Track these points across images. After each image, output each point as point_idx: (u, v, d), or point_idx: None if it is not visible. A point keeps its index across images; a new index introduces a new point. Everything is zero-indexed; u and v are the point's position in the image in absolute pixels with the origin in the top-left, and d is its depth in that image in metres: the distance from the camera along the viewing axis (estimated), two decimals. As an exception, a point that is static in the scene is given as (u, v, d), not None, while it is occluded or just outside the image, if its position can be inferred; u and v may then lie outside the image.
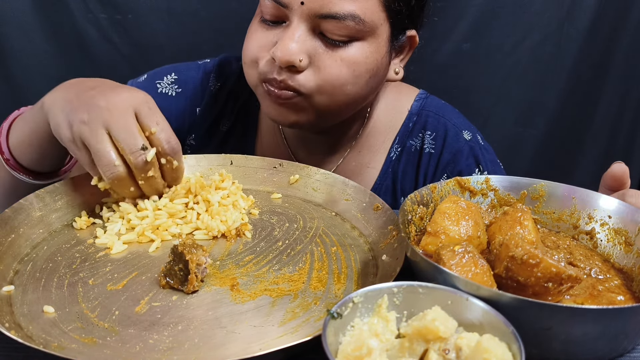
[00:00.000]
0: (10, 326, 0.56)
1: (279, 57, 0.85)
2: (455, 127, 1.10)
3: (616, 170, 0.73)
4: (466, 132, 1.10)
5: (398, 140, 1.11)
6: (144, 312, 0.61)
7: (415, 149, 1.11)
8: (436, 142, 1.09)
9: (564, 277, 0.54)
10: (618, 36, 1.83)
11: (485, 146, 1.11)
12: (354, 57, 0.88)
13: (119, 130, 0.72)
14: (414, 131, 1.11)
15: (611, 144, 2.00)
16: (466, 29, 1.77)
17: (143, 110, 0.75)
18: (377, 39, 0.90)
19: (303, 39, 0.87)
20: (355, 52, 0.89)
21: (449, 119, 1.11)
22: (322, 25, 0.86)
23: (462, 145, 1.08)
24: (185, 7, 1.66)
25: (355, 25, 0.86)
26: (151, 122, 0.75)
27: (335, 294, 0.66)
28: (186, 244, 0.66)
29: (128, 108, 0.74)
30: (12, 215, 0.73)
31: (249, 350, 0.56)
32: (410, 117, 1.11)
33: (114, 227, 0.76)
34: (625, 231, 0.69)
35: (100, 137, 0.72)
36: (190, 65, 1.15)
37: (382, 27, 0.90)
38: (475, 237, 0.66)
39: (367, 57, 0.90)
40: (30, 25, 1.63)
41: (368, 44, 0.89)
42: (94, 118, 0.72)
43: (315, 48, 0.88)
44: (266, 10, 0.89)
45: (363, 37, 0.88)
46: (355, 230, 0.81)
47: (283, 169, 0.93)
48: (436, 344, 0.49)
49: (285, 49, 0.85)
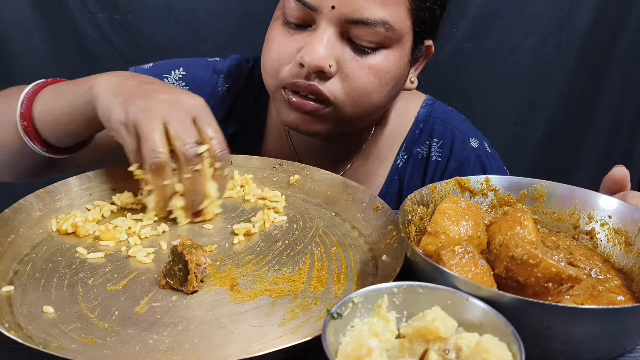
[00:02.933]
0: (10, 326, 0.56)
1: (308, 61, 0.83)
2: (462, 135, 1.09)
3: (617, 173, 0.73)
4: (473, 139, 1.09)
5: (405, 147, 1.10)
6: (144, 313, 0.61)
7: (422, 156, 1.10)
8: (443, 150, 1.08)
9: (564, 277, 0.54)
10: (618, 36, 1.83)
11: (492, 153, 1.10)
12: (381, 65, 0.87)
13: (176, 124, 0.73)
14: (420, 138, 1.10)
15: (611, 144, 2.00)
16: (466, 29, 1.77)
17: (202, 115, 0.77)
18: (402, 47, 0.89)
19: (332, 44, 0.84)
20: (382, 60, 0.87)
21: (456, 126, 1.09)
22: (351, 30, 0.84)
23: (469, 153, 1.07)
24: (185, 7, 1.66)
25: (385, 32, 0.85)
26: (209, 127, 0.76)
27: (335, 294, 0.66)
28: (185, 245, 0.66)
29: (189, 109, 0.76)
30: (11, 216, 0.73)
31: (249, 351, 0.56)
32: (417, 124, 1.10)
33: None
34: (626, 231, 0.69)
35: (155, 125, 0.73)
36: (200, 62, 1.12)
37: (407, 35, 0.89)
38: (475, 237, 0.66)
39: (392, 65, 0.89)
40: (28, 25, 1.62)
41: (394, 52, 0.88)
42: (154, 108, 0.73)
43: (343, 54, 0.86)
44: (291, 13, 0.87)
45: (390, 44, 0.87)
46: (355, 230, 0.81)
47: (283, 169, 0.93)
48: (436, 344, 0.48)
49: (314, 52, 0.83)
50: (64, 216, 0.78)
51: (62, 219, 0.77)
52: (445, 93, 1.73)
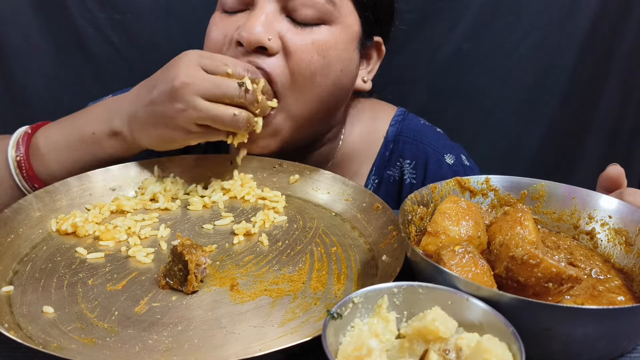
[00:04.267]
0: (9, 326, 0.56)
1: (245, 37, 0.82)
2: (436, 153, 1.03)
3: (612, 172, 0.73)
4: (448, 155, 1.03)
5: (375, 171, 1.04)
6: (144, 313, 0.61)
7: (394, 179, 1.04)
8: (417, 171, 1.03)
9: (564, 277, 0.54)
10: (618, 36, 1.82)
11: (470, 166, 1.05)
12: (324, 41, 0.85)
13: (209, 90, 0.76)
14: (391, 160, 1.04)
15: (612, 144, 2.00)
16: (466, 29, 1.77)
17: (204, 62, 0.78)
18: (346, 29, 0.88)
19: (270, 19, 0.83)
20: (326, 35, 0.85)
21: (428, 144, 1.04)
22: (289, 4, 0.83)
23: (445, 172, 1.02)
24: (184, 6, 1.66)
25: (325, 4, 0.84)
26: (219, 66, 0.79)
27: (335, 295, 0.66)
28: (185, 245, 0.66)
29: (194, 71, 0.77)
30: (11, 216, 0.73)
31: (249, 351, 0.56)
32: (386, 145, 1.04)
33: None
34: (626, 231, 0.69)
35: (205, 105, 0.76)
36: None
37: (351, 16, 0.88)
38: (476, 237, 0.66)
39: (337, 44, 0.86)
40: (28, 24, 1.62)
41: (338, 30, 0.87)
42: (183, 98, 0.76)
43: (283, 29, 0.84)
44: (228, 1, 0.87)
45: (332, 21, 0.86)
46: (355, 230, 0.80)
47: (283, 169, 0.92)
48: (436, 344, 0.48)
49: (252, 27, 0.82)
50: (64, 216, 0.78)
51: (62, 219, 0.77)
52: (445, 93, 1.73)
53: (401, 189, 1.04)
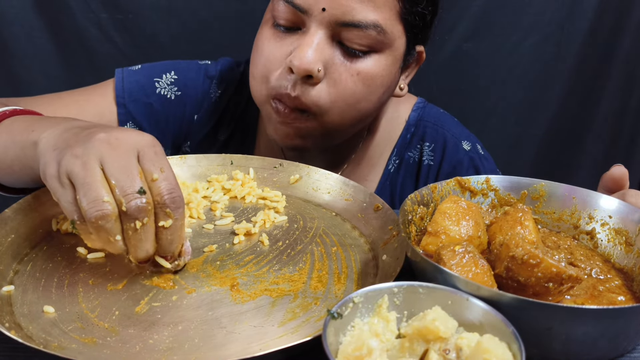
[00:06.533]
0: (10, 326, 0.56)
1: (297, 65, 0.82)
2: (454, 138, 1.08)
3: (615, 172, 0.73)
4: (465, 142, 1.08)
5: (396, 152, 1.09)
6: (144, 312, 0.61)
7: (413, 160, 1.09)
8: (435, 153, 1.07)
9: (564, 277, 0.54)
10: (618, 36, 1.83)
11: (485, 156, 1.10)
12: (370, 71, 0.86)
13: (116, 168, 0.60)
14: (412, 142, 1.09)
15: (612, 144, 2.00)
16: (466, 29, 1.77)
17: (148, 154, 0.63)
18: (393, 52, 0.89)
19: (322, 47, 0.83)
20: (373, 65, 0.86)
21: (448, 130, 1.09)
22: (342, 33, 0.83)
23: (462, 156, 1.07)
24: (186, 7, 1.66)
25: (377, 36, 0.84)
26: (155, 167, 0.62)
27: (335, 294, 0.66)
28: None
29: (131, 147, 0.62)
30: (11, 216, 0.73)
31: (249, 351, 0.56)
32: (408, 128, 1.09)
33: None
34: (626, 231, 0.69)
35: (92, 170, 0.59)
36: (191, 65, 1.09)
37: (399, 40, 0.88)
38: (476, 237, 0.66)
39: (383, 71, 0.88)
40: (31, 25, 1.63)
41: (385, 57, 0.88)
42: (89, 151, 0.60)
43: (332, 58, 0.85)
44: (281, 15, 0.85)
45: (382, 49, 0.86)
46: (356, 230, 0.80)
47: (283, 169, 0.93)
48: (436, 344, 0.48)
49: (303, 56, 0.82)
50: (64, 216, 0.78)
51: (62, 219, 0.77)
52: (445, 93, 1.73)
53: (419, 170, 1.09)
